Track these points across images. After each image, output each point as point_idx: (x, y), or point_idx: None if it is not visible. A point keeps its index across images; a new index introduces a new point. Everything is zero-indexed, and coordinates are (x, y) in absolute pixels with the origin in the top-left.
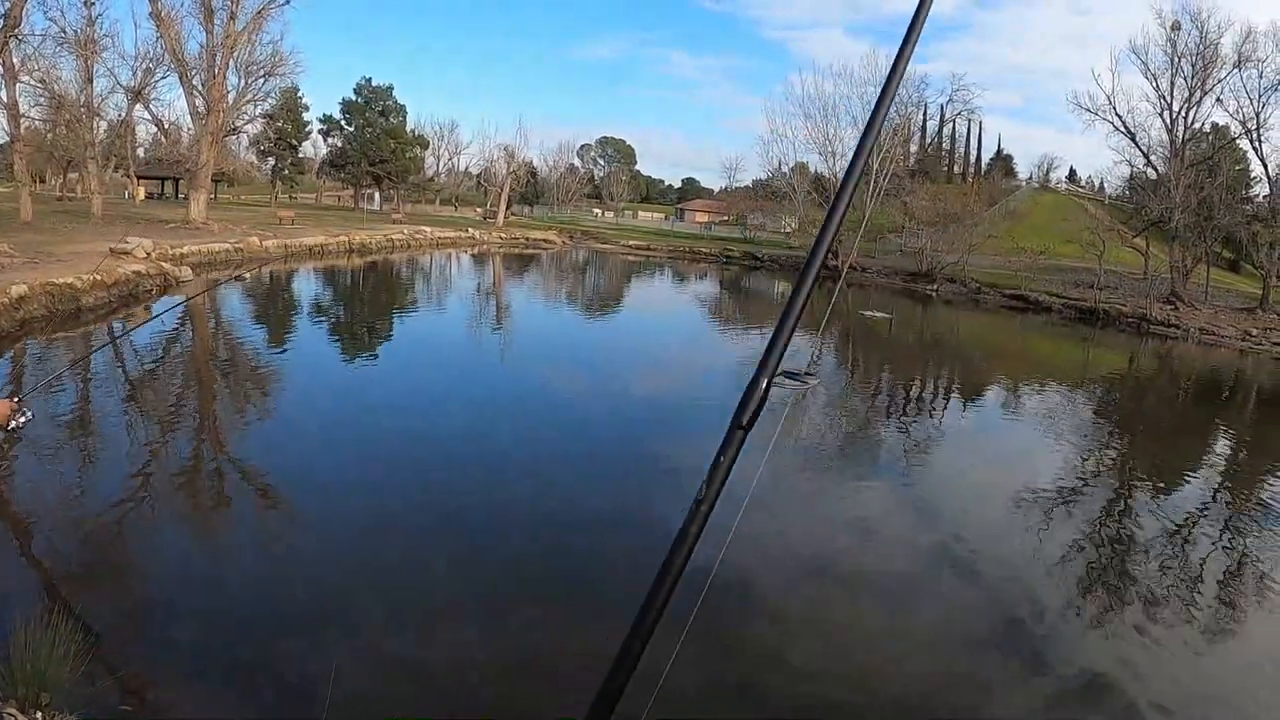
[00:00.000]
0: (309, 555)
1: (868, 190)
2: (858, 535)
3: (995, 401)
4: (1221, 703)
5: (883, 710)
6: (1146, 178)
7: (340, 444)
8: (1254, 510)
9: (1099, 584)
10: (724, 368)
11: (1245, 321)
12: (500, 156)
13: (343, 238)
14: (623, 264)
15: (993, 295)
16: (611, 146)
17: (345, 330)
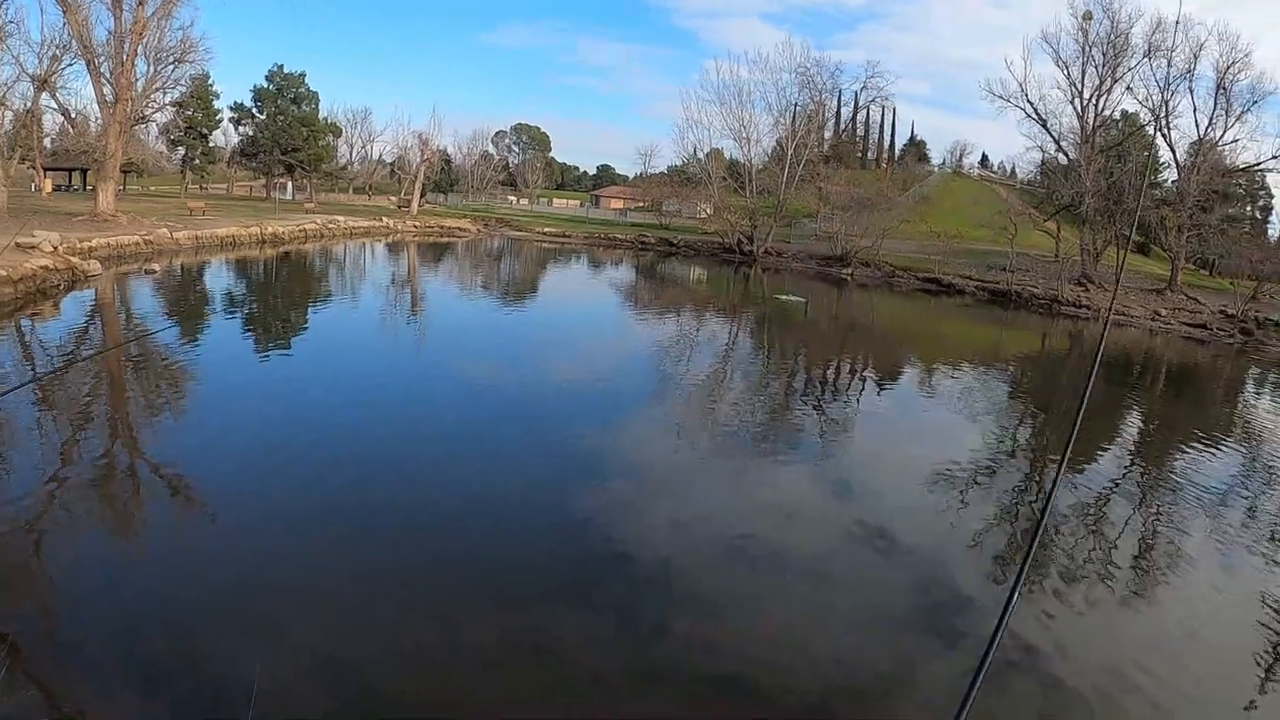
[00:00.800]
0: (230, 555)
1: (782, 176)
2: (778, 515)
3: (911, 382)
4: (1137, 667)
5: (807, 684)
6: (1057, 163)
7: (256, 440)
8: (1164, 484)
9: (1016, 558)
10: (640, 354)
11: (1154, 302)
12: (414, 144)
13: (255, 228)
14: (538, 251)
15: (907, 278)
16: (526, 134)
17: (259, 323)
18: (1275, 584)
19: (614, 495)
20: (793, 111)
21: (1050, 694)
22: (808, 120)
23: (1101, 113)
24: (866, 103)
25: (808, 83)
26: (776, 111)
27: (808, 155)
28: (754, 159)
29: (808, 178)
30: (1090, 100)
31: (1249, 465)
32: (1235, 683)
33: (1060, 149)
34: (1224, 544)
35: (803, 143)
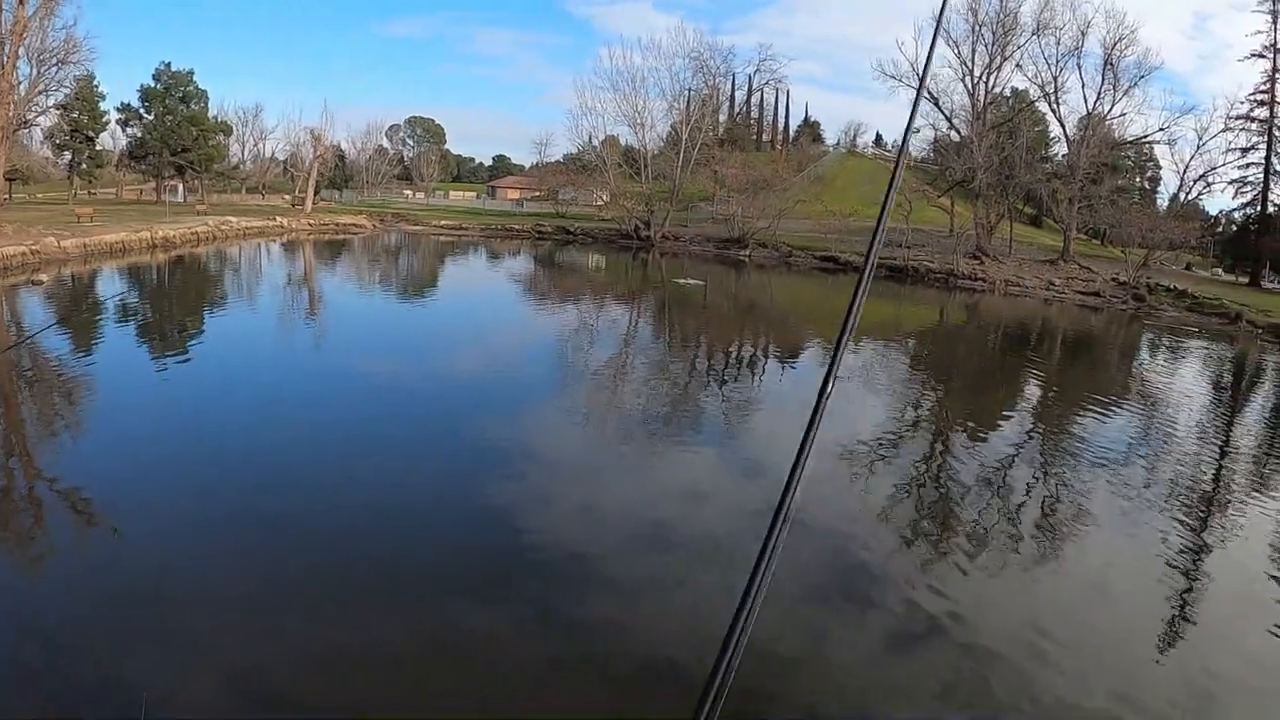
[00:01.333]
0: (133, 566)
1: (677, 161)
2: (686, 498)
3: (812, 360)
4: (1045, 627)
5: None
6: (950, 140)
7: (155, 449)
8: (1065, 448)
9: (926, 526)
10: (541, 343)
11: (1048, 272)
12: (306, 140)
13: (146, 233)
14: (435, 245)
15: (804, 258)
16: (421, 126)
17: (154, 331)
18: (1174, 541)
19: (521, 486)
20: (687, 96)
21: (960, 659)
22: (702, 105)
23: (992, 90)
24: (760, 86)
25: (701, 67)
26: (670, 97)
27: (702, 139)
28: (649, 145)
29: (703, 162)
30: (981, 78)
31: (1146, 427)
32: (1140, 637)
33: (953, 126)
34: (1125, 504)
35: (697, 127)
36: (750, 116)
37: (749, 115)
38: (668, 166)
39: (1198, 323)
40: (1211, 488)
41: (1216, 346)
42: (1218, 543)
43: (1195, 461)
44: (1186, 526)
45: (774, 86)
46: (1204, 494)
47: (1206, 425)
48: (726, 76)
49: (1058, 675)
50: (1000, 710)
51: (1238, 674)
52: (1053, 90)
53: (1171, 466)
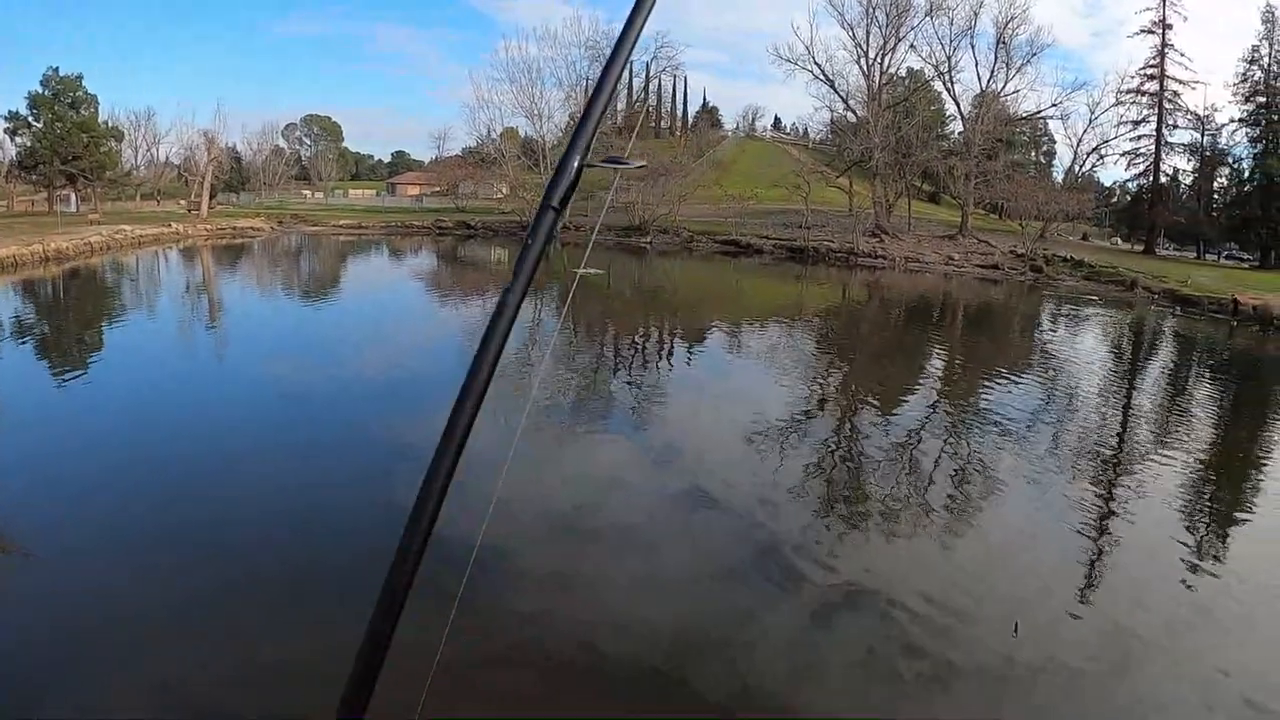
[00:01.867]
0: (42, 592)
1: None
2: (601, 487)
3: (718, 343)
4: (960, 592)
5: (650, 647)
6: (847, 121)
7: (55, 471)
8: (972, 416)
9: (840, 500)
10: (446, 340)
11: (947, 247)
12: (200, 143)
13: (38, 246)
14: (336, 245)
15: (705, 242)
16: (318, 125)
17: (49, 347)
18: (1082, 501)
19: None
20: (584, 85)
21: (880, 627)
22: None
23: (887, 70)
24: (658, 73)
25: (598, 56)
26: (567, 87)
27: (601, 128)
28: (547, 135)
29: (602, 150)
30: (876, 59)
31: (1048, 393)
32: (1057, 596)
33: (849, 107)
34: (1032, 468)
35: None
36: (649, 104)
37: (647, 102)
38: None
39: (1095, 291)
40: (1115, 448)
41: (1114, 313)
42: (1124, 501)
43: (1098, 424)
44: (1093, 487)
45: (672, 74)
46: (1108, 455)
47: (1107, 388)
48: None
49: (977, 637)
50: (922, 674)
51: (1152, 627)
52: (947, 70)
53: (1075, 430)
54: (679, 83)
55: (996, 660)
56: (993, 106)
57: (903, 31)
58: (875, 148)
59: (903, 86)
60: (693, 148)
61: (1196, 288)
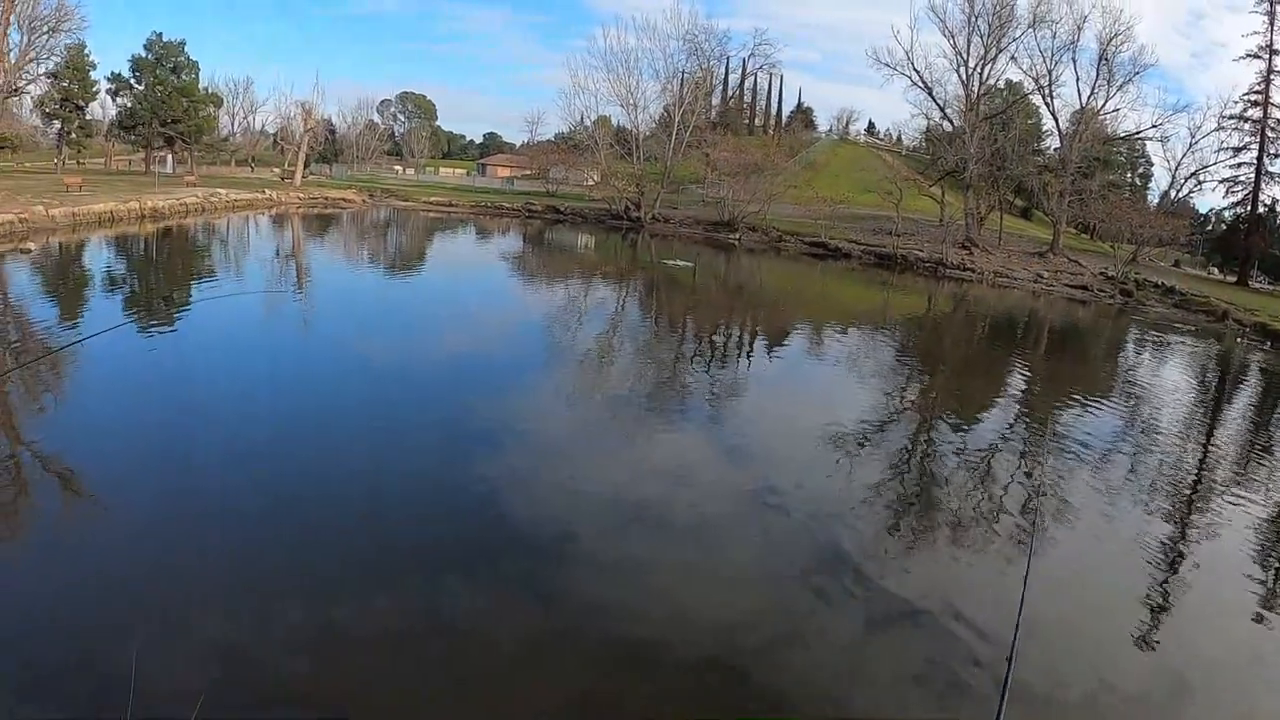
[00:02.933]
0: (122, 545)
1: (669, 142)
2: (671, 480)
3: (799, 345)
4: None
5: (705, 645)
6: (942, 130)
7: (143, 426)
8: (1049, 439)
9: (910, 513)
10: (529, 322)
11: (1037, 265)
12: (297, 114)
13: (134, 204)
14: (425, 221)
15: (794, 243)
16: (412, 102)
17: (142, 304)
18: (1154, 530)
19: (507, 465)
20: (680, 78)
21: (939, 644)
22: (695, 87)
23: (986, 81)
24: (754, 70)
25: (696, 50)
26: (664, 78)
27: (695, 122)
28: (641, 126)
29: (695, 144)
30: (975, 69)
31: (1129, 420)
32: (1120, 624)
33: (945, 116)
34: (1106, 495)
35: (690, 109)
36: (743, 101)
37: (742, 99)
38: (659, 148)
39: (1184, 319)
40: (1192, 482)
41: (1202, 343)
42: (1197, 535)
43: (1176, 457)
44: (1166, 519)
45: (768, 71)
46: (1185, 488)
47: (1188, 421)
48: (720, 60)
49: (1036, 660)
50: (977, 695)
51: (1215, 661)
52: (1047, 83)
53: (1152, 462)
54: (774, 81)
55: (1047, 684)
56: (1091, 124)
57: (1004, 42)
58: (970, 159)
59: (1001, 98)
60: (785, 147)
61: None
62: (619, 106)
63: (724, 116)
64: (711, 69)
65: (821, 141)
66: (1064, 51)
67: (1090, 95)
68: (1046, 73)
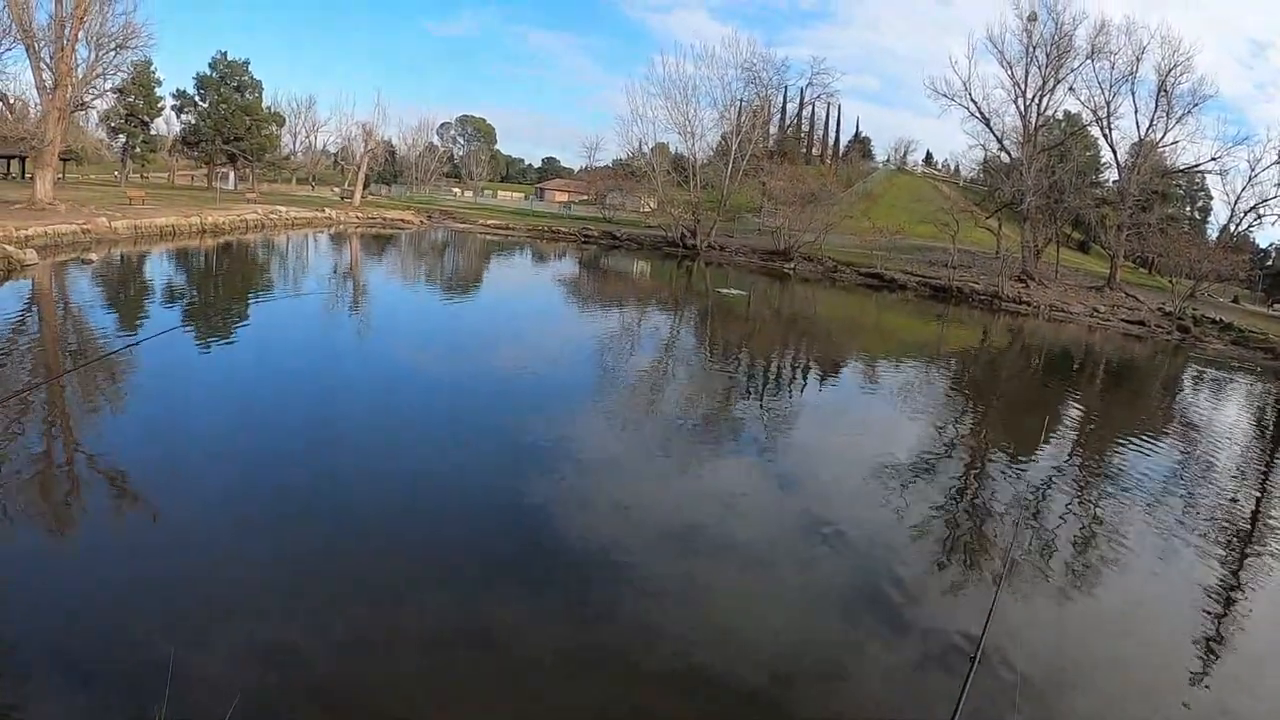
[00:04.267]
0: (170, 548)
1: (726, 170)
2: (721, 505)
3: (853, 376)
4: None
5: (751, 672)
6: (1000, 161)
7: (195, 433)
8: (1104, 476)
9: (959, 548)
10: (584, 346)
11: (1093, 299)
12: (358, 134)
13: (195, 218)
14: (482, 244)
15: (849, 273)
16: (471, 125)
17: (199, 316)
18: (1210, 573)
19: (559, 484)
20: (738, 107)
21: (988, 684)
22: (753, 116)
23: (1044, 112)
24: (812, 99)
25: (753, 78)
26: (721, 106)
27: (752, 150)
28: (698, 153)
29: (752, 172)
30: (1033, 100)
31: (1185, 459)
32: (1171, 673)
33: (1003, 147)
34: (1160, 537)
35: (747, 138)
36: (800, 129)
37: (799, 128)
38: (716, 176)
39: (1243, 357)
40: (1249, 527)
41: (1262, 382)
42: (1252, 582)
43: (1233, 499)
44: (1221, 564)
45: (825, 100)
46: (1241, 533)
47: (1246, 463)
48: (778, 88)
49: (1085, 705)
50: None
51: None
52: (1105, 115)
53: (1210, 502)
54: (832, 110)
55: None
56: (1150, 156)
57: (1062, 73)
58: (1027, 190)
59: (1059, 129)
60: (842, 177)
61: None
62: (676, 134)
63: (781, 145)
64: (769, 97)
65: (878, 171)
66: (1122, 83)
67: (1149, 127)
68: (1105, 104)
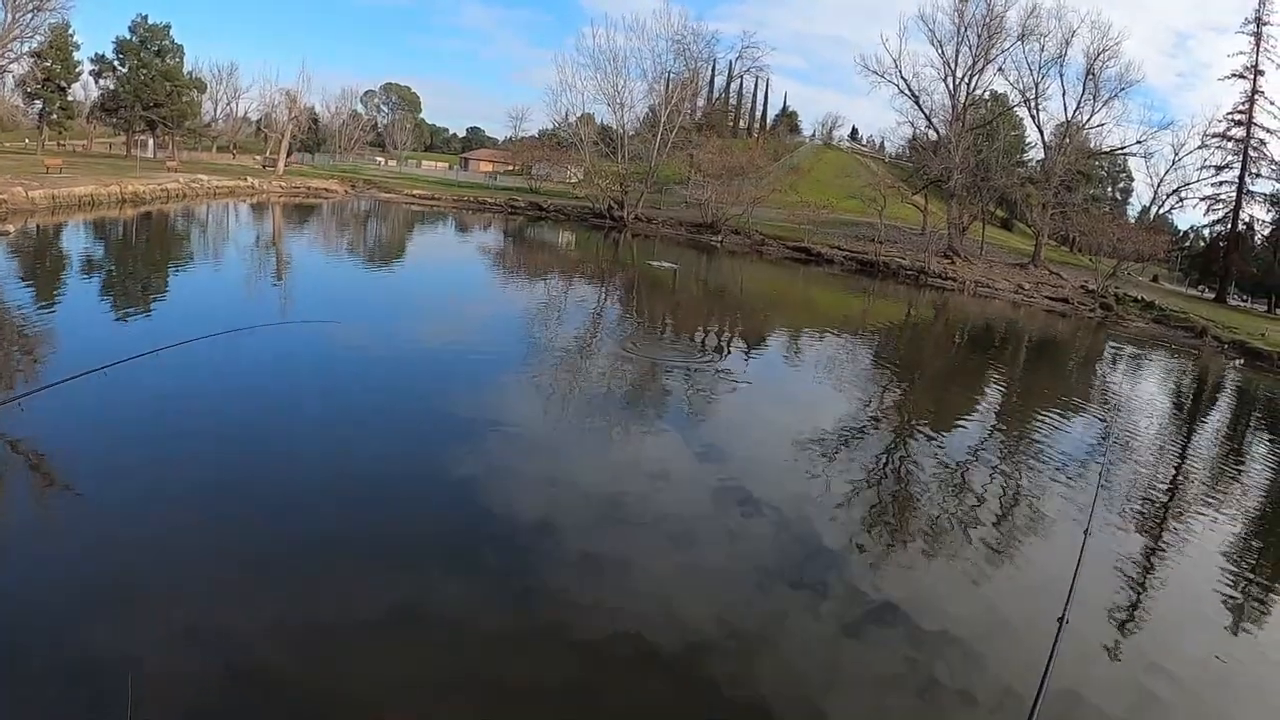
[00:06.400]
0: (99, 537)
1: (654, 142)
2: (649, 479)
3: (778, 349)
4: (997, 620)
5: (680, 641)
6: (928, 139)
7: (116, 415)
8: (1024, 449)
9: (882, 519)
10: (509, 319)
11: (1018, 276)
12: (281, 101)
13: (115, 187)
14: (407, 214)
15: (776, 247)
16: (396, 94)
17: (120, 288)
18: (1129, 542)
19: (487, 460)
20: (667, 79)
21: (911, 648)
22: (682, 88)
23: (973, 92)
24: (740, 73)
25: (683, 51)
26: (651, 78)
27: (680, 123)
28: (627, 125)
29: (680, 145)
30: (963, 79)
31: (1103, 436)
32: (1088, 635)
33: (931, 125)
34: (1078, 507)
35: (676, 110)
36: (729, 103)
37: (727, 102)
38: (644, 148)
39: (1163, 335)
40: (1164, 500)
41: (1181, 359)
42: (1165, 555)
43: (1150, 473)
44: (1137, 535)
45: (754, 75)
46: (1156, 506)
47: (1164, 437)
48: (708, 62)
49: (1002, 667)
50: (948, 697)
51: (1180, 676)
52: (1033, 96)
53: (1126, 476)
54: (760, 84)
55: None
56: (1076, 138)
57: (992, 54)
58: (954, 168)
59: (986, 109)
60: (770, 151)
61: (1269, 343)
62: (605, 105)
63: (709, 118)
64: (698, 70)
65: (806, 146)
66: (1051, 65)
67: (1075, 109)
68: (1033, 85)
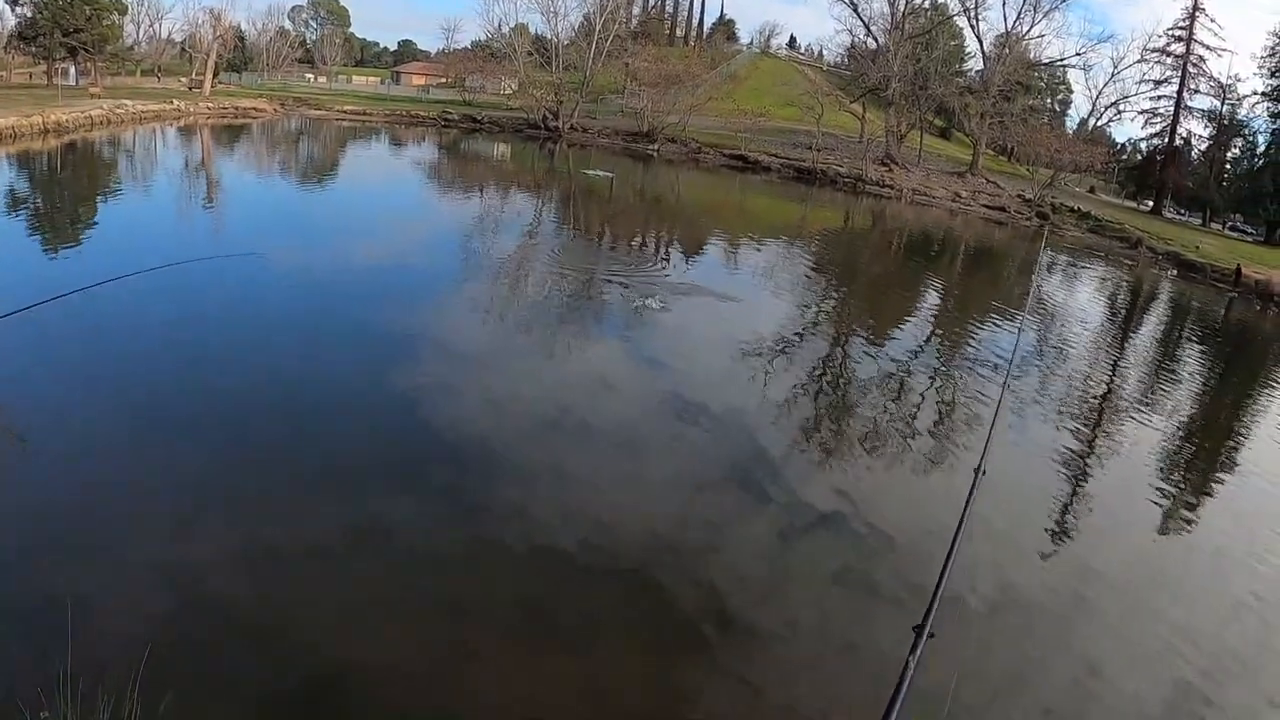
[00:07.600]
0: (41, 471)
1: (589, 52)
2: (590, 390)
3: (716, 257)
4: (935, 518)
5: (626, 547)
6: (866, 47)
7: (51, 353)
8: (961, 354)
9: (823, 424)
10: (445, 233)
11: (955, 184)
12: (205, 21)
13: (36, 118)
14: (338, 131)
15: (713, 155)
16: (324, 8)
17: (46, 222)
18: (1061, 445)
19: (429, 376)
20: None
21: (855, 546)
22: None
23: (912, 1)
24: None
25: None
26: None
27: (616, 31)
28: (561, 34)
29: (615, 53)
30: None
31: (1040, 341)
32: (1026, 532)
33: (870, 34)
34: (1015, 410)
35: (611, 18)
36: (665, 11)
37: (663, 10)
38: (579, 57)
39: (1099, 244)
40: (1098, 402)
41: (1116, 269)
42: (1100, 454)
43: (1085, 375)
44: (1073, 436)
45: None
46: (1091, 407)
47: (1099, 342)
48: None
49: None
50: (891, 592)
51: (1114, 573)
52: (973, 6)
53: (1062, 379)
54: None
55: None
56: (1015, 49)
57: None
58: (893, 77)
59: (926, 18)
60: (706, 59)
61: (1203, 255)
62: (539, 14)
63: (645, 26)
64: None
65: (743, 54)
66: None
67: (1016, 20)
68: None
